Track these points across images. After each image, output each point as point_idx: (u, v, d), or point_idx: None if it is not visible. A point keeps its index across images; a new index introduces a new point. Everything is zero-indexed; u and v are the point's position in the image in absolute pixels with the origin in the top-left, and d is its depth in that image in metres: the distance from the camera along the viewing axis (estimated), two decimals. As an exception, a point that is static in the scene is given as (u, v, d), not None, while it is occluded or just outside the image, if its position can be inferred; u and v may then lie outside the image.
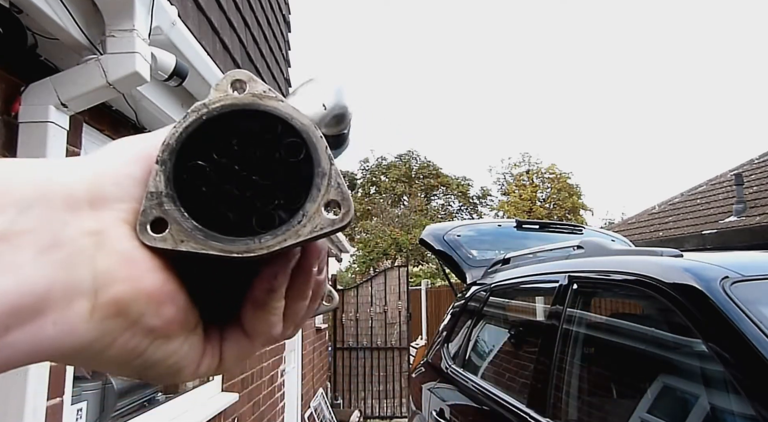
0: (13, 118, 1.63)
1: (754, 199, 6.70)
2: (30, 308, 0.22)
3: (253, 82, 0.28)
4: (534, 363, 2.05)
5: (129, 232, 0.25)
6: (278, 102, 0.27)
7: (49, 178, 0.24)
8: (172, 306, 0.26)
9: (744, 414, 1.19)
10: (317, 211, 0.27)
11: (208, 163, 0.27)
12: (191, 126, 0.27)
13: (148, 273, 0.25)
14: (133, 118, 2.30)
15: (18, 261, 0.22)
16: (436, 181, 29.07)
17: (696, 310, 1.35)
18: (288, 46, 5.34)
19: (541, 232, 3.44)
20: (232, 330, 0.29)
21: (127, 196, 0.26)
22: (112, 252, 0.24)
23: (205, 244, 0.26)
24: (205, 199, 0.26)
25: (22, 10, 1.50)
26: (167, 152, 0.26)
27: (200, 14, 2.69)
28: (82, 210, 0.24)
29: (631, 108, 48.21)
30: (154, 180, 0.26)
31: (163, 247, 0.26)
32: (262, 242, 0.26)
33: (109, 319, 0.24)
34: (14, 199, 0.23)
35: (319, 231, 0.26)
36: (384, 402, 8.56)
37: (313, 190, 0.27)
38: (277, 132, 0.27)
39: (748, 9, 50.62)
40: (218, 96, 0.27)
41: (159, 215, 0.26)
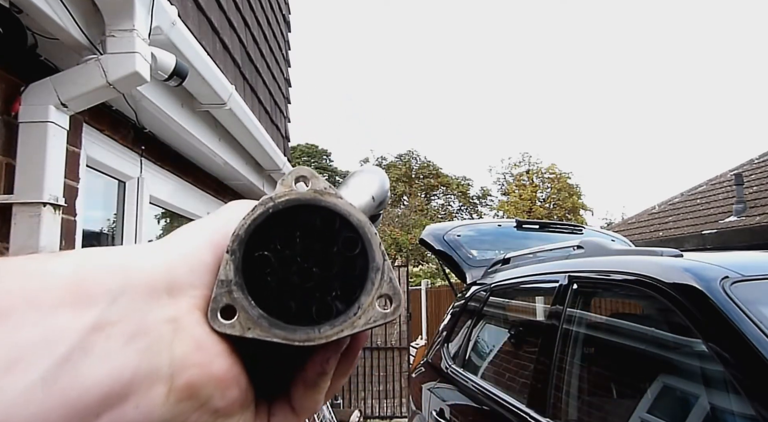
0: (13, 118, 1.63)
1: (754, 199, 6.71)
2: (118, 394, 0.24)
3: (315, 178, 0.30)
4: (534, 363, 2.05)
5: (201, 318, 0.27)
6: (337, 199, 0.30)
7: (133, 267, 0.26)
8: (236, 389, 0.28)
9: (744, 414, 1.19)
10: (371, 304, 0.29)
11: (272, 254, 0.29)
12: (259, 218, 0.29)
13: (217, 358, 0.27)
14: (133, 117, 2.30)
15: (110, 350, 0.24)
16: (436, 180, 29.08)
17: (696, 310, 1.35)
18: (288, 46, 5.34)
19: (541, 232, 3.44)
20: (280, 406, 0.31)
21: (199, 282, 0.28)
22: (187, 339, 0.26)
23: (269, 332, 0.28)
24: (269, 287, 0.28)
25: (22, 9, 1.50)
26: (236, 243, 0.28)
27: (200, 14, 2.69)
28: (161, 297, 0.26)
29: (631, 108, 48.23)
30: (224, 269, 0.28)
31: (231, 334, 0.27)
32: (321, 332, 0.28)
33: (183, 402, 0.26)
34: (104, 290, 0.25)
35: (372, 324, 0.28)
36: (384, 402, 8.56)
37: (368, 284, 0.29)
38: (335, 227, 0.29)
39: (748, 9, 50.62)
40: (283, 190, 0.30)
41: (229, 302, 0.28)
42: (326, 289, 0.29)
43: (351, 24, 57.57)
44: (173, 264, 0.28)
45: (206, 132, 2.88)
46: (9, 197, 1.61)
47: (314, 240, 0.29)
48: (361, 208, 0.31)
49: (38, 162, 1.64)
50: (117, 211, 2.48)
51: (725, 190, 7.72)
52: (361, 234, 0.29)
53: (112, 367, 0.24)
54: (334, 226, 0.29)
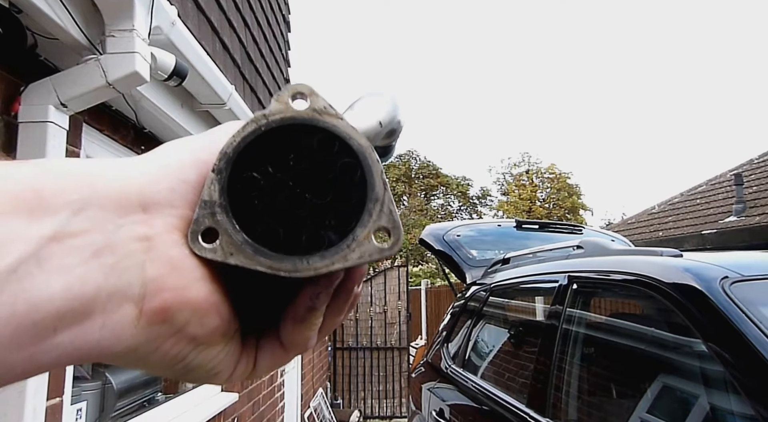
0: (12, 118, 1.63)
1: (753, 199, 6.71)
2: (78, 311, 0.22)
3: (315, 96, 0.27)
4: (534, 363, 2.05)
5: (179, 239, 0.25)
6: (338, 119, 0.27)
7: (102, 178, 0.24)
8: (216, 317, 0.26)
9: (744, 414, 1.19)
10: (367, 237, 0.26)
11: (262, 176, 0.26)
12: (249, 136, 0.26)
13: (195, 282, 0.25)
14: (133, 118, 2.30)
15: (69, 263, 0.22)
16: (436, 180, 29.08)
17: (696, 310, 1.35)
18: (288, 46, 5.34)
19: (540, 232, 3.44)
20: (269, 340, 0.30)
21: (180, 201, 0.26)
22: (161, 259, 0.24)
23: (253, 259, 0.26)
24: (257, 212, 0.26)
25: (22, 9, 1.50)
26: (224, 161, 0.26)
27: (200, 14, 2.69)
28: (134, 213, 0.24)
29: (631, 108, 48.24)
30: (208, 188, 0.26)
31: (212, 258, 0.26)
32: (310, 263, 0.26)
33: (155, 326, 0.24)
34: (68, 200, 0.23)
35: (367, 258, 0.26)
36: (384, 402, 8.56)
37: (365, 215, 0.26)
38: (333, 150, 0.27)
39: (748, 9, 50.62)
40: (278, 107, 0.27)
41: (211, 225, 0.26)
42: (319, 218, 0.27)
43: (351, 24, 57.60)
44: (151, 179, 0.25)
45: (206, 132, 2.87)
46: (9, 197, 1.61)
47: (309, 163, 0.27)
48: (364, 133, 0.29)
49: (38, 162, 1.64)
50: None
51: (725, 190, 7.72)
52: (361, 160, 0.27)
53: (70, 281, 0.22)
54: (332, 150, 0.27)
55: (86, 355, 0.23)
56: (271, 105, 0.27)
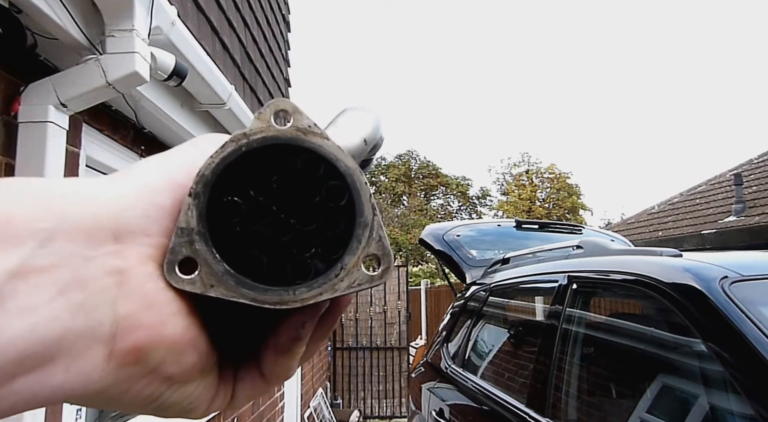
0: (12, 118, 1.63)
1: (753, 199, 6.71)
2: (40, 355, 0.20)
3: (298, 114, 0.26)
4: (533, 363, 2.05)
5: (154, 272, 0.24)
6: (323, 140, 0.25)
7: (71, 204, 0.22)
8: (193, 353, 0.24)
9: (743, 414, 1.19)
10: (356, 265, 0.25)
11: (243, 200, 0.25)
12: (229, 157, 0.25)
13: (171, 318, 0.23)
14: (133, 118, 2.30)
15: (33, 303, 0.20)
16: (436, 180, 29.09)
17: (695, 310, 1.35)
18: (288, 46, 5.34)
19: (540, 232, 3.44)
20: (247, 371, 0.28)
21: (155, 228, 0.24)
22: (134, 295, 0.23)
23: (235, 292, 0.24)
24: (238, 239, 0.25)
25: (22, 9, 1.50)
26: (201, 184, 0.24)
27: (200, 14, 2.69)
28: (105, 244, 0.22)
29: (631, 108, 48.25)
30: (185, 215, 0.24)
31: (191, 291, 0.24)
32: (296, 294, 0.24)
33: (127, 367, 0.23)
34: (35, 229, 0.21)
35: (356, 287, 0.25)
36: (384, 402, 8.56)
37: (354, 242, 0.25)
38: (319, 172, 0.25)
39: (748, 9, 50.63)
40: (260, 126, 0.25)
41: (189, 255, 0.24)
42: (305, 245, 0.25)
43: (350, 24, 57.59)
44: (123, 205, 0.23)
45: (206, 132, 2.88)
46: (8, 197, 1.61)
47: (293, 186, 0.25)
48: (349, 152, 0.27)
49: (38, 162, 1.64)
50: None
51: (724, 190, 7.73)
52: (348, 182, 0.25)
53: (34, 323, 0.20)
54: (318, 172, 0.25)
55: (46, 400, 0.21)
56: (252, 123, 0.25)
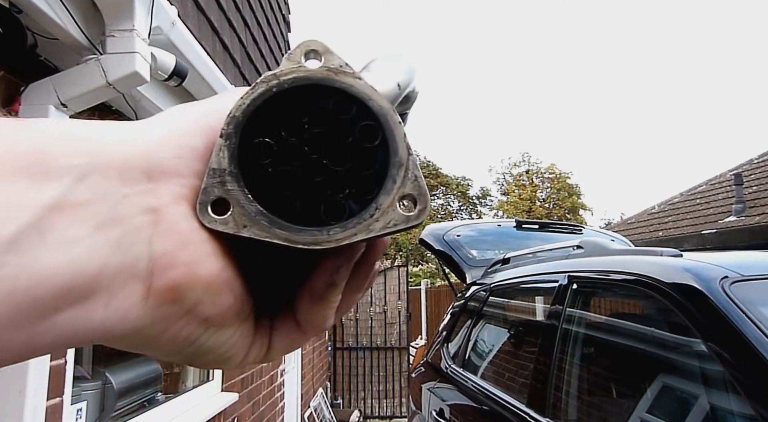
0: (12, 118, 1.63)
1: (753, 199, 6.71)
2: (82, 289, 0.20)
3: (330, 54, 0.25)
4: (533, 363, 2.05)
5: (188, 211, 0.23)
6: (355, 79, 0.25)
7: (104, 143, 0.22)
8: (229, 295, 0.24)
9: (743, 414, 1.19)
10: (391, 205, 0.24)
11: (275, 141, 0.24)
12: (259, 98, 0.24)
13: (206, 257, 0.23)
14: (133, 118, 2.30)
15: (72, 236, 0.20)
16: (436, 180, 29.08)
17: (696, 310, 1.35)
18: (288, 46, 5.34)
19: (540, 232, 3.44)
20: (284, 320, 0.28)
21: (187, 169, 0.24)
22: (170, 233, 0.22)
23: (269, 232, 0.24)
24: (270, 181, 0.24)
25: (22, 10, 1.50)
26: (233, 125, 0.24)
27: (200, 14, 2.69)
28: (138, 183, 0.22)
29: (631, 108, 48.25)
30: (217, 156, 0.24)
31: (224, 231, 0.24)
32: (330, 234, 0.24)
33: (164, 306, 0.22)
34: (70, 164, 0.21)
35: (392, 228, 0.24)
36: (384, 402, 8.56)
37: (388, 182, 0.25)
38: (351, 112, 0.25)
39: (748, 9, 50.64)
40: (290, 67, 0.25)
41: (221, 195, 0.24)
42: (338, 186, 0.25)
43: (350, 24, 57.62)
44: (156, 146, 0.23)
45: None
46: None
47: (326, 127, 0.25)
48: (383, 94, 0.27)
49: (38, 162, 1.64)
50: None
51: (725, 190, 7.73)
52: (382, 122, 0.25)
53: (74, 256, 0.20)
54: (350, 112, 0.25)
55: (87, 337, 0.21)
56: (282, 64, 0.25)
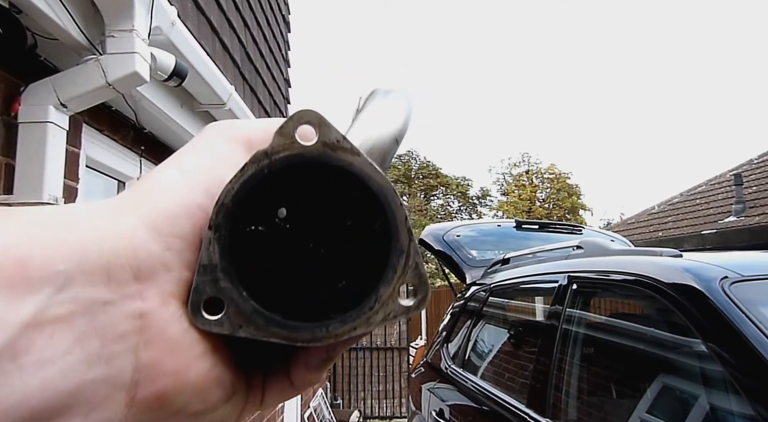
0: (12, 119, 1.63)
1: (753, 199, 6.71)
2: (54, 409, 0.19)
3: (326, 126, 0.23)
4: (533, 363, 2.05)
5: (176, 311, 0.22)
6: (354, 156, 0.23)
7: (89, 238, 0.20)
8: (218, 390, 0.23)
9: (744, 414, 1.19)
10: (391, 296, 0.23)
11: (268, 228, 0.23)
12: (250, 181, 0.23)
13: (195, 361, 0.22)
14: (133, 118, 2.30)
15: (49, 355, 0.19)
16: (436, 181, 29.10)
17: (695, 310, 1.35)
18: (288, 47, 5.34)
19: (540, 232, 3.44)
20: (277, 378, 0.27)
21: (176, 262, 0.22)
22: (157, 341, 0.21)
23: (265, 331, 0.23)
24: (263, 271, 0.23)
25: (22, 10, 1.50)
26: (222, 215, 0.22)
27: (200, 14, 2.69)
28: (126, 284, 0.21)
29: (631, 108, 48.28)
30: (207, 250, 0.22)
31: (219, 332, 0.23)
32: (329, 330, 0.23)
33: (149, 412, 0.21)
34: (51, 273, 0.19)
35: (392, 319, 0.24)
36: (384, 402, 8.56)
37: (389, 271, 0.23)
38: (350, 193, 0.23)
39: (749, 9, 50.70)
40: (282, 142, 0.23)
41: (214, 294, 0.22)
42: (336, 275, 0.23)
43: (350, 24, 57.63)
44: (145, 236, 0.22)
45: (206, 132, 2.88)
46: (9, 197, 1.61)
47: (321, 210, 0.23)
48: (381, 158, 0.25)
49: (38, 162, 1.64)
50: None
51: (724, 190, 7.73)
52: (383, 204, 0.23)
53: (48, 377, 0.18)
54: (349, 193, 0.23)
55: None
56: (274, 139, 0.23)
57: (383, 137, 0.29)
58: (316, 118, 0.23)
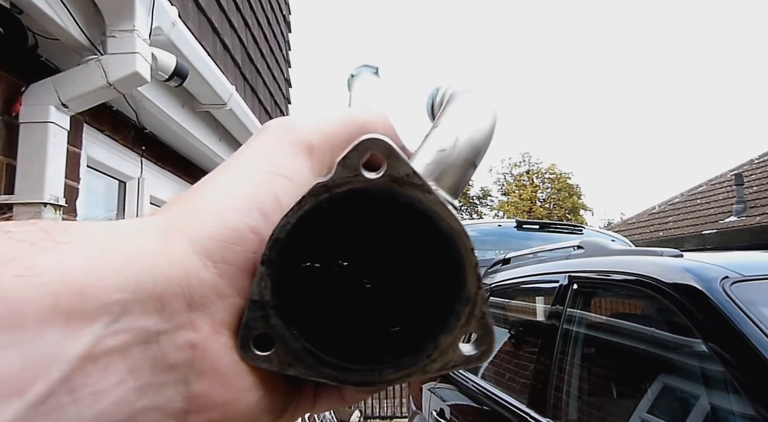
0: (13, 119, 1.64)
1: (754, 199, 6.71)
2: None
3: (394, 158, 0.21)
4: (534, 363, 2.05)
5: (227, 342, 0.21)
6: (424, 193, 0.21)
7: (145, 266, 0.20)
8: (268, 416, 0.23)
9: (744, 414, 1.19)
10: (452, 346, 0.22)
11: (323, 265, 0.21)
12: (307, 216, 0.21)
13: (245, 393, 0.22)
14: (134, 118, 2.31)
15: (103, 387, 0.18)
16: (436, 181, 29.03)
17: (696, 310, 1.35)
18: (288, 46, 5.34)
19: (541, 232, 3.44)
20: (329, 394, 0.26)
21: (229, 290, 0.22)
22: (208, 372, 0.21)
23: (315, 371, 0.22)
24: (317, 310, 0.22)
25: (23, 10, 1.50)
26: (275, 250, 0.21)
27: (200, 14, 2.69)
28: (179, 314, 0.20)
29: (631, 108, 48.25)
30: (258, 286, 0.21)
31: (267, 369, 0.22)
32: (382, 375, 0.22)
33: None
34: (108, 302, 0.19)
35: (450, 368, 0.22)
36: (384, 402, 8.57)
37: (452, 319, 0.22)
38: (417, 233, 0.22)
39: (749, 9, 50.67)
40: (345, 175, 0.21)
41: (264, 331, 0.21)
42: (394, 318, 0.22)
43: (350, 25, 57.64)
44: (196, 265, 0.21)
45: (207, 132, 2.89)
46: (10, 197, 1.61)
47: (383, 248, 0.22)
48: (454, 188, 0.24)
49: (39, 162, 1.64)
50: (117, 212, 2.48)
51: (725, 190, 7.73)
52: (452, 247, 0.22)
53: (102, 409, 0.18)
54: (415, 233, 0.22)
55: None
56: (336, 170, 0.21)
57: (459, 162, 0.26)
58: (385, 149, 0.21)
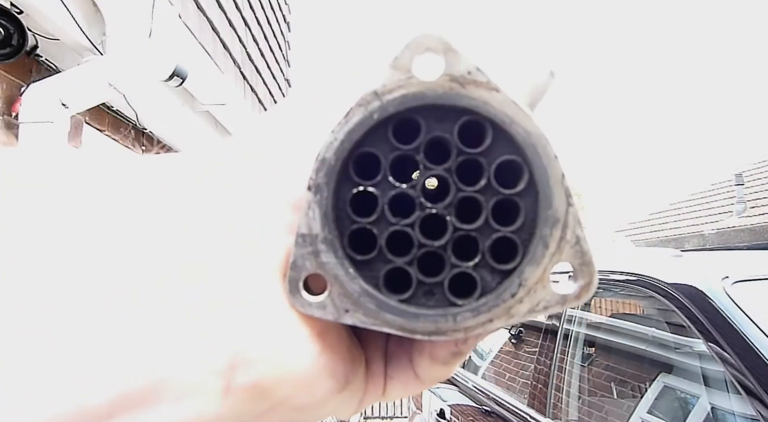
0: (13, 118, 1.64)
1: (754, 200, 6.71)
2: (144, 393, 0.17)
3: (453, 53, 0.18)
4: (534, 364, 2.05)
5: (278, 288, 0.19)
6: (491, 91, 0.18)
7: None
8: (327, 381, 0.20)
9: (744, 414, 1.19)
10: (541, 280, 0.18)
11: (380, 190, 0.18)
12: (357, 131, 0.18)
13: (298, 347, 0.19)
14: (134, 118, 2.31)
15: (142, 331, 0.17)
16: (437, 181, 29.13)
17: (696, 310, 1.35)
18: (288, 46, 5.35)
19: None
20: (401, 369, 0.23)
21: (282, 228, 0.19)
22: (256, 321, 0.18)
23: (377, 318, 0.18)
24: (375, 244, 0.18)
25: (23, 10, 1.50)
26: (323, 172, 0.18)
27: (200, 14, 2.69)
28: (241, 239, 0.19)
29: (632, 109, 48.24)
30: (306, 216, 0.18)
31: (321, 317, 0.18)
32: (457, 321, 0.18)
33: (247, 402, 0.19)
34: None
35: (541, 311, 0.18)
36: (384, 401, 8.57)
37: (538, 246, 0.18)
38: (485, 143, 0.18)
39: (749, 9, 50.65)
40: (397, 78, 0.18)
41: (315, 271, 0.18)
42: (466, 250, 0.18)
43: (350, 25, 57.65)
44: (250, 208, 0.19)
45: (207, 132, 2.88)
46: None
47: (448, 164, 0.18)
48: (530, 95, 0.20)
49: (39, 162, 1.64)
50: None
51: (726, 191, 7.72)
52: (529, 156, 0.18)
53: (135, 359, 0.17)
54: (484, 142, 0.18)
55: None
56: (386, 74, 0.18)
57: (531, 68, 0.22)
58: (441, 44, 0.18)
